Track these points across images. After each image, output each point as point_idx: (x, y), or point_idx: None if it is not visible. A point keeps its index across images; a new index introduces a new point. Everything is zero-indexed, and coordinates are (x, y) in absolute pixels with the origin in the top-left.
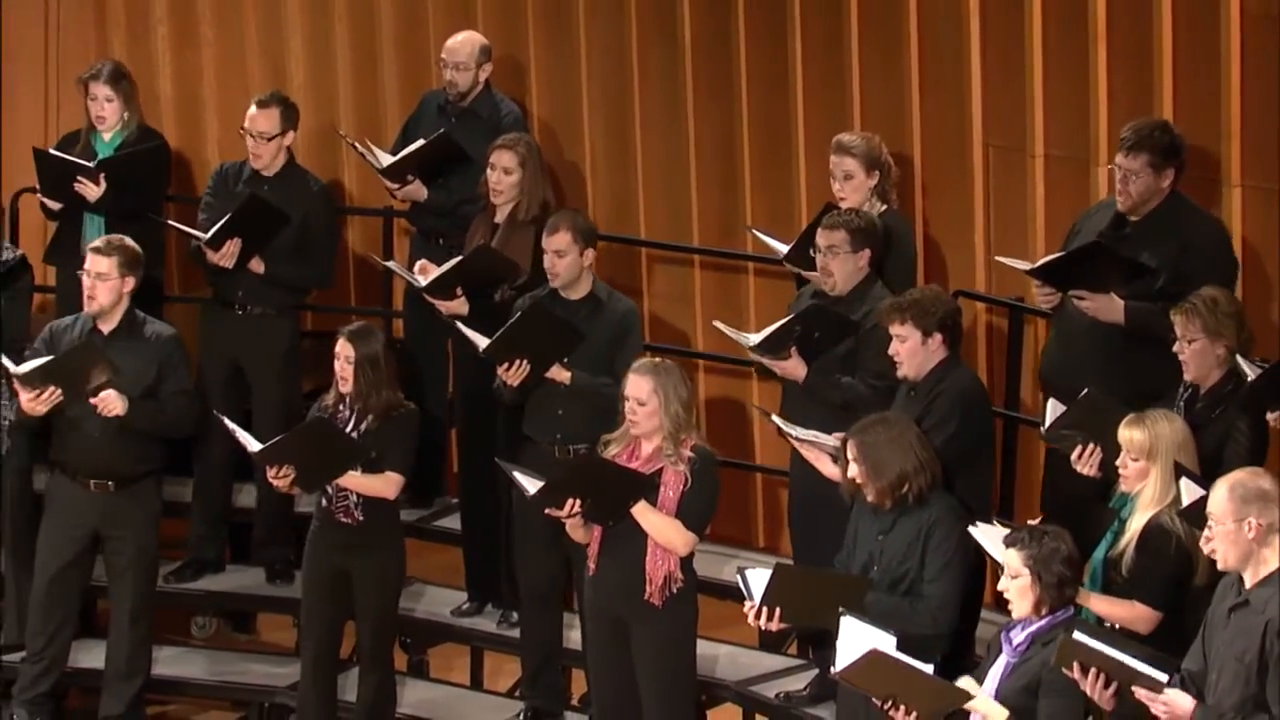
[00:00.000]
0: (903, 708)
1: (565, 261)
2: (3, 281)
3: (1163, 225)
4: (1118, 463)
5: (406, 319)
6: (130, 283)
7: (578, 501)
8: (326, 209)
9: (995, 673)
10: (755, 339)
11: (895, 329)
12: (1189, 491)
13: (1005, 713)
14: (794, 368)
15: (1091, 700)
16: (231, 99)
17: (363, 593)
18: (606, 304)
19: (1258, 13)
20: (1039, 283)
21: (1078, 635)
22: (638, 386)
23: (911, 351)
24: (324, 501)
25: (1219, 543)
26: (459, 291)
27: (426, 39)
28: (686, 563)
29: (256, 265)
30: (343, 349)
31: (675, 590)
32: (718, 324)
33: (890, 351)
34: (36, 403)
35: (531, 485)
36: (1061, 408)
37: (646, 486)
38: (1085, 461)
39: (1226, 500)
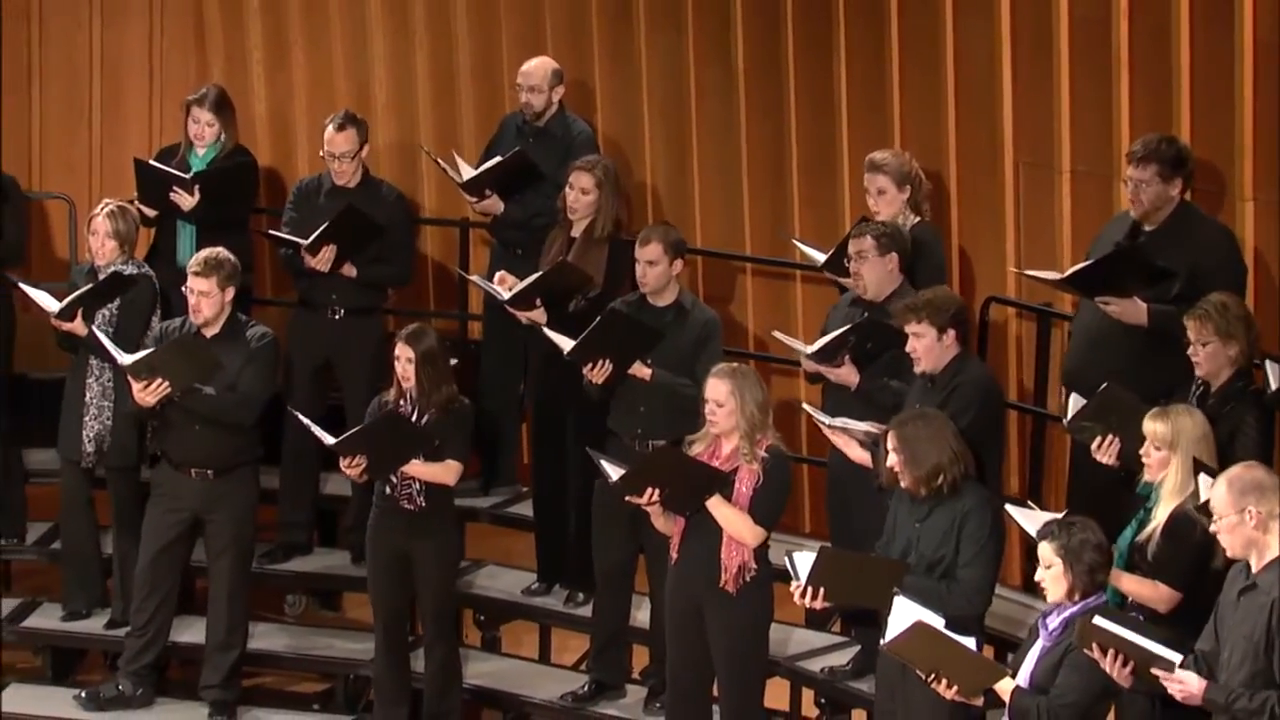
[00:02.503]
0: (944, 680)
1: (656, 271)
2: (121, 287)
3: (1175, 233)
4: (1142, 452)
5: (485, 322)
6: (230, 292)
7: (657, 490)
8: (403, 213)
9: (1032, 656)
10: (811, 349)
11: (911, 328)
12: (1206, 486)
13: (1011, 684)
14: (847, 375)
15: (1110, 677)
16: (320, 119)
17: (424, 573)
18: (690, 312)
19: (1269, 40)
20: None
21: (1097, 620)
22: (716, 389)
23: (928, 348)
24: (386, 490)
25: (1223, 534)
26: (538, 302)
27: (500, 63)
28: (761, 553)
29: (349, 270)
30: (402, 351)
31: (749, 579)
32: (777, 334)
33: (908, 349)
34: (146, 393)
35: (616, 472)
36: (1082, 401)
37: (721, 481)
38: (1104, 451)
39: (1226, 494)
